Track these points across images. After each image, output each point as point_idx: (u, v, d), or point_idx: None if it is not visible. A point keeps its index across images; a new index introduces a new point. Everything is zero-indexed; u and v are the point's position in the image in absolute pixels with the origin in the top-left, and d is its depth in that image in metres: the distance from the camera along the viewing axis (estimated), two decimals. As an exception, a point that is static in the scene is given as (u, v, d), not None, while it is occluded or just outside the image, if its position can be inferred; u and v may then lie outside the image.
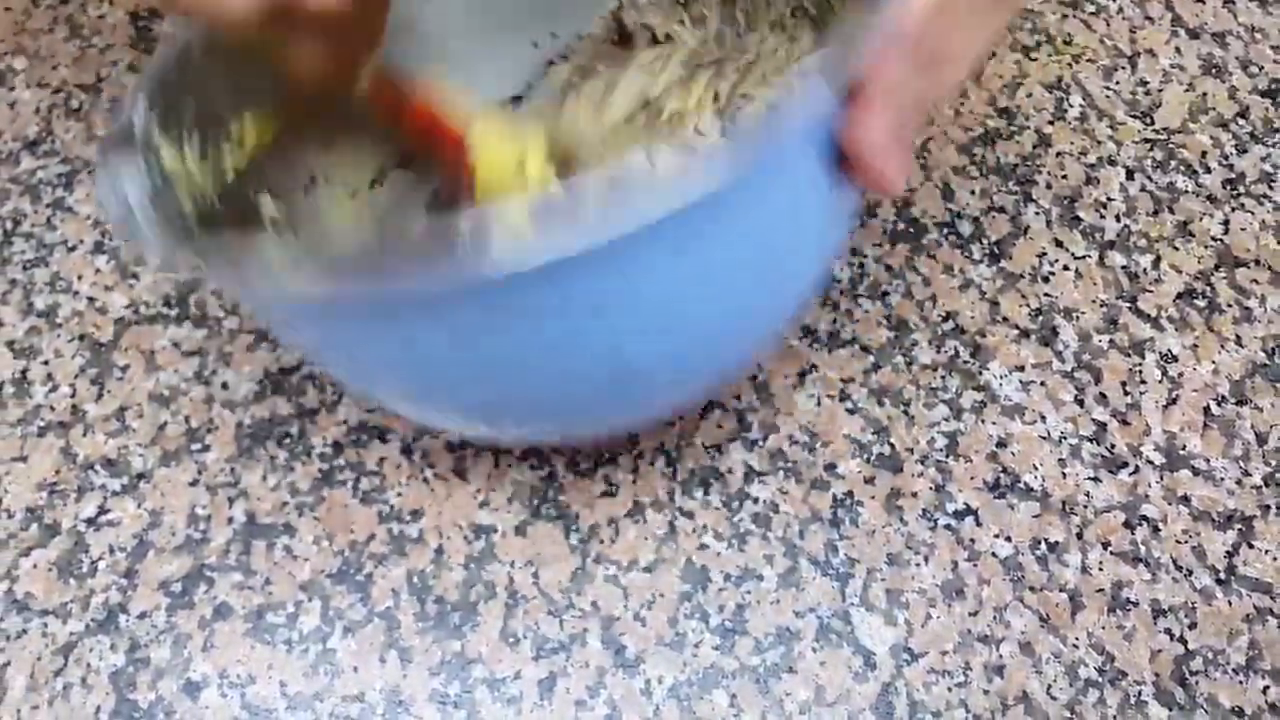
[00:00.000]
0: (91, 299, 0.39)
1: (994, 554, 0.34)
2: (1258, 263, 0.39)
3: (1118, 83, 0.43)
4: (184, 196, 0.28)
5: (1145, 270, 0.39)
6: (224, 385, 0.37)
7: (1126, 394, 0.37)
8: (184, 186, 0.29)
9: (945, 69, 0.24)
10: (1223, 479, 0.35)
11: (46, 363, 0.38)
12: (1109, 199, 0.40)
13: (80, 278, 0.39)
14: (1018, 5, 0.26)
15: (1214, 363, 0.37)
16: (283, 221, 0.32)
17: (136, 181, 0.27)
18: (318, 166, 0.34)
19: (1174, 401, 0.37)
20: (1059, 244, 0.39)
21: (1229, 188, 0.41)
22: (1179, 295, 0.38)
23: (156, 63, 0.29)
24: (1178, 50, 0.44)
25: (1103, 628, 0.33)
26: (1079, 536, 0.34)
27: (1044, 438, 0.36)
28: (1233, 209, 0.40)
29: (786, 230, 0.25)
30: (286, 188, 0.33)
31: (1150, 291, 0.39)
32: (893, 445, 0.36)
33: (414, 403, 0.27)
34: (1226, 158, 0.41)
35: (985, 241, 0.39)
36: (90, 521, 0.35)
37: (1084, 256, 0.39)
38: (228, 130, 0.31)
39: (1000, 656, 0.32)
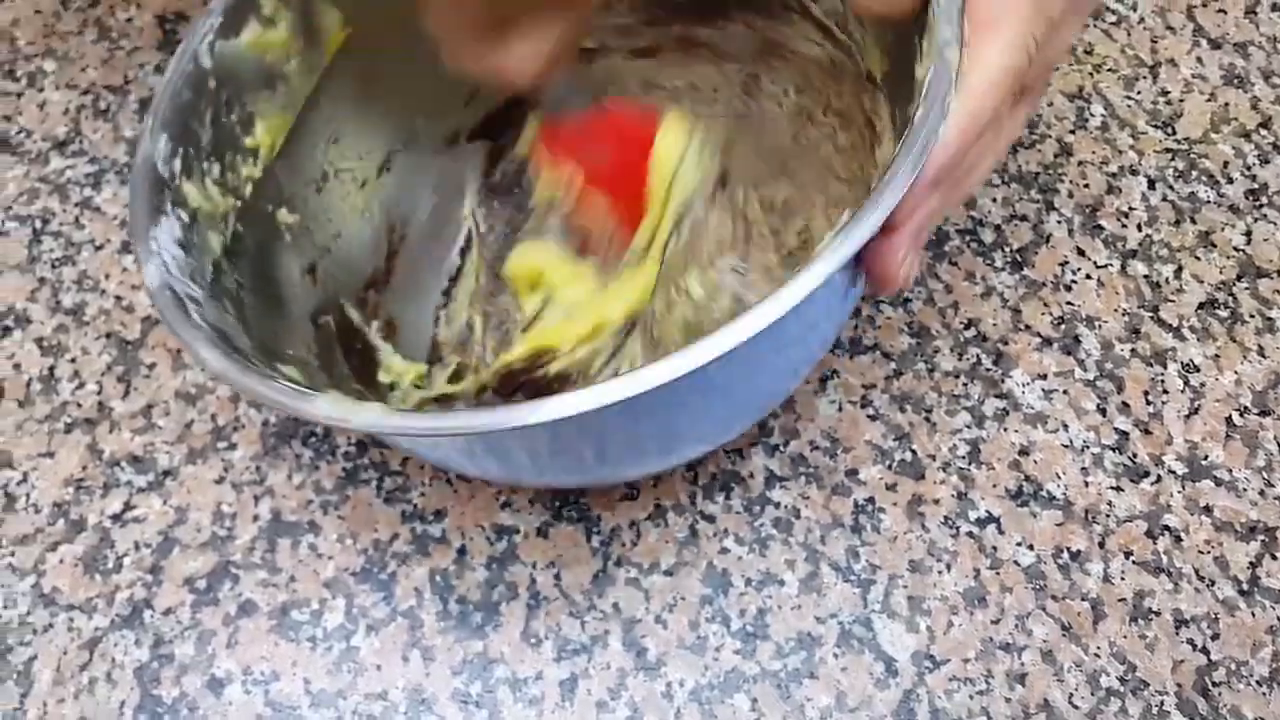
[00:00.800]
0: (119, 298, 0.39)
1: (1016, 562, 0.34)
2: (1280, 274, 0.39)
3: (1139, 92, 0.43)
4: (212, 235, 0.29)
5: (1167, 280, 0.39)
6: (249, 384, 0.37)
7: (1149, 403, 0.37)
8: (209, 222, 0.29)
9: (969, 183, 0.26)
10: (1245, 489, 0.35)
11: (74, 360, 0.38)
12: (1130, 208, 0.40)
13: (108, 276, 0.40)
14: (1036, 106, 0.27)
15: (1236, 373, 0.37)
16: (299, 228, 0.33)
17: (174, 242, 0.27)
18: (326, 161, 0.34)
19: (1196, 411, 0.37)
20: (1081, 252, 0.39)
21: (1251, 198, 0.41)
22: (1201, 305, 0.38)
23: (169, 90, 0.29)
24: (1199, 60, 0.44)
25: (1125, 637, 0.33)
26: (1101, 545, 0.34)
27: (1066, 446, 0.36)
28: (1255, 219, 0.40)
29: (818, 328, 0.28)
30: (298, 190, 0.33)
31: (1172, 301, 0.39)
32: (914, 452, 0.36)
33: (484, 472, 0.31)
34: (1249, 168, 0.41)
35: (1007, 249, 0.40)
36: (116, 518, 0.35)
37: (1106, 265, 0.39)
38: (242, 143, 0.31)
39: (1022, 665, 0.32)
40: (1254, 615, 0.33)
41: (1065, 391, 0.37)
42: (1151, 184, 0.41)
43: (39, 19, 0.46)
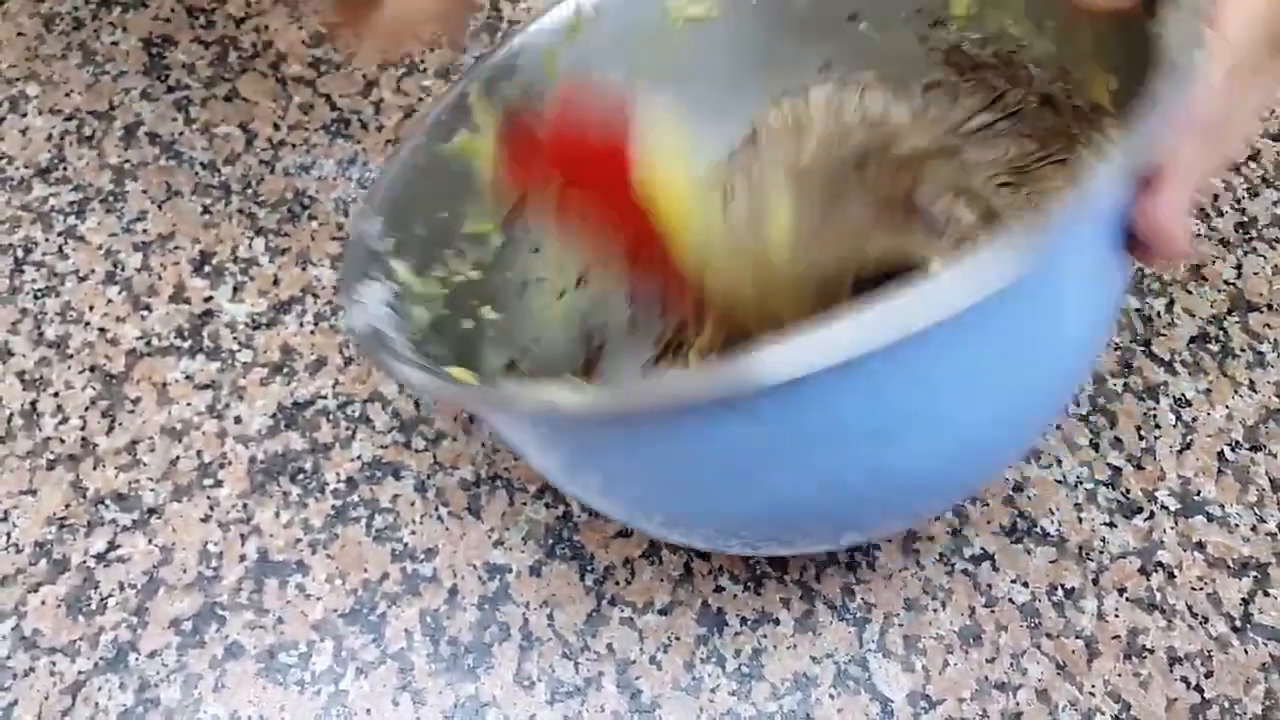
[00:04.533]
0: (103, 330, 0.38)
1: (1011, 600, 0.34)
2: (1270, 307, 0.39)
3: (1130, 124, 0.43)
4: (419, 310, 0.30)
5: (1159, 313, 0.39)
6: (237, 419, 0.37)
7: (1141, 438, 0.37)
8: (416, 299, 0.30)
9: (1231, 137, 0.24)
10: (1237, 525, 0.35)
11: (57, 394, 0.37)
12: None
13: (92, 308, 0.39)
14: None
15: (1228, 407, 0.37)
16: (501, 326, 0.33)
17: (382, 303, 0.28)
18: (529, 271, 0.35)
19: (1188, 446, 0.37)
20: (1073, 286, 0.40)
21: (1241, 231, 0.41)
22: (1193, 339, 0.39)
23: (388, 181, 0.31)
24: (1189, 93, 0.44)
25: (1119, 675, 0.33)
26: (1095, 582, 0.34)
27: (1060, 482, 0.36)
28: (1245, 253, 0.40)
29: (1066, 322, 0.24)
30: (501, 291, 0.34)
31: (1164, 335, 0.39)
32: (909, 488, 0.36)
33: (665, 518, 0.28)
34: (1238, 201, 0.42)
35: (1000, 283, 0.40)
36: (100, 557, 0.34)
37: (1098, 299, 0.39)
38: (454, 242, 0.32)
39: (1017, 704, 0.32)
40: (1246, 653, 0.33)
41: (1058, 426, 0.37)
42: (1142, 217, 0.41)
43: (21, 42, 0.45)
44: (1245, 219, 0.41)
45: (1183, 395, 0.38)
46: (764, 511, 0.25)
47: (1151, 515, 0.35)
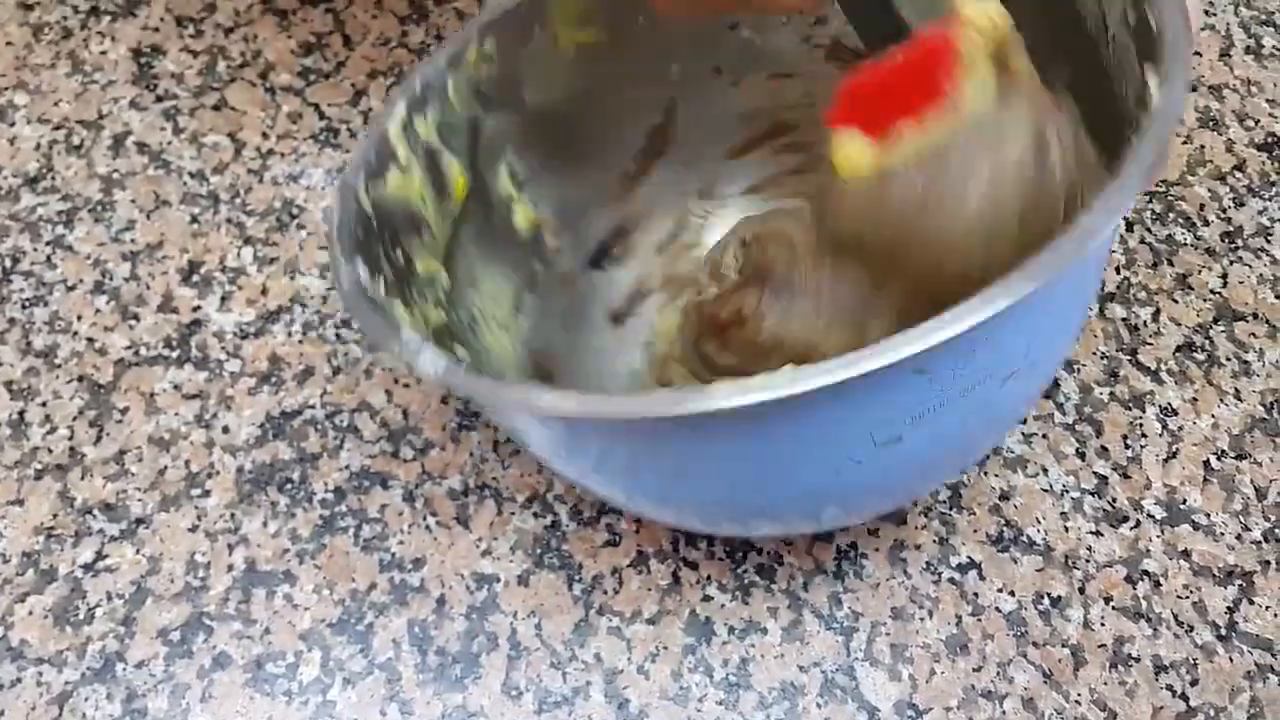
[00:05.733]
0: (91, 339, 0.38)
1: (997, 608, 0.34)
2: (1256, 316, 0.39)
3: (1117, 134, 0.43)
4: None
5: (1145, 322, 0.39)
6: (225, 429, 0.37)
7: (1127, 447, 0.37)
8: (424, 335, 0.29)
9: None
10: (1223, 534, 0.35)
11: (44, 404, 0.37)
12: (1109, 250, 0.41)
13: (80, 318, 0.39)
14: None
15: (1213, 416, 0.38)
16: (473, 364, 0.33)
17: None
18: (474, 304, 0.35)
19: (1174, 455, 0.37)
20: (1060, 295, 0.40)
21: (1227, 240, 0.41)
22: (1179, 348, 0.39)
23: (345, 227, 0.29)
24: (1175, 102, 0.44)
25: (1105, 684, 0.33)
26: (1081, 591, 0.34)
27: (1046, 490, 0.36)
28: (1231, 262, 0.41)
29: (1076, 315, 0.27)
30: (462, 331, 0.34)
31: (1150, 344, 0.39)
32: (896, 497, 0.36)
33: (656, 504, 0.29)
34: (1224, 211, 0.42)
35: (987, 292, 0.40)
36: (88, 567, 0.34)
37: (1084, 308, 0.40)
38: (415, 282, 0.31)
39: (1004, 713, 0.32)
40: (1232, 661, 0.33)
41: (1044, 435, 0.37)
42: (1130, 226, 0.41)
43: (10, 51, 0.45)
44: (1231, 228, 0.41)
45: (1169, 404, 0.38)
46: (768, 504, 0.27)
47: (1137, 524, 0.36)
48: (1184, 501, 0.36)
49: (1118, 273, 0.40)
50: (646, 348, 0.38)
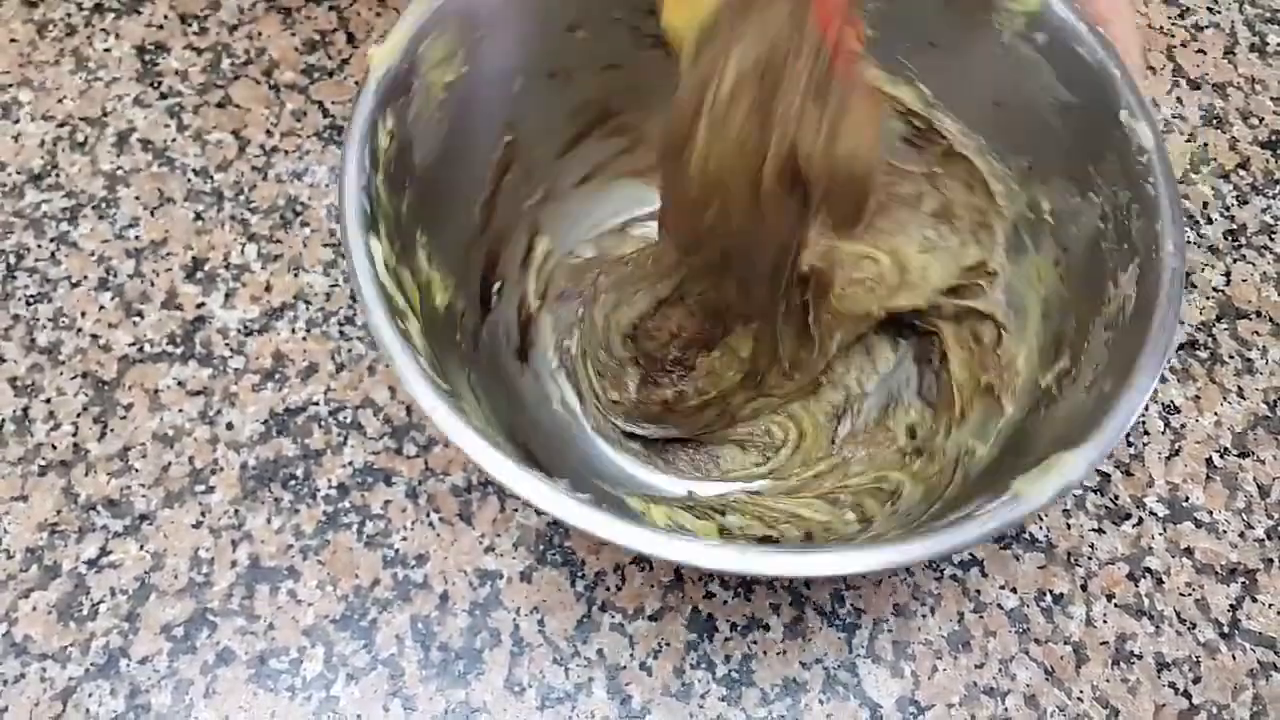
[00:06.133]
0: (95, 336, 0.39)
1: (1000, 605, 0.34)
2: (1259, 314, 0.39)
3: (1120, 131, 0.43)
4: None
5: (1148, 320, 0.39)
6: (229, 425, 0.37)
7: (1130, 445, 0.37)
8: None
9: None
10: (1225, 531, 0.35)
11: (48, 400, 0.37)
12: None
13: (84, 314, 0.39)
14: None
15: (1216, 414, 0.37)
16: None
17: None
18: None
19: (1177, 453, 0.37)
20: (1063, 292, 0.40)
21: (1230, 238, 0.41)
22: (1182, 346, 0.39)
23: (366, 286, 0.28)
24: (1179, 100, 0.44)
25: (1107, 681, 0.33)
26: (1083, 588, 0.34)
27: (1048, 488, 0.36)
28: (1234, 260, 0.41)
29: None
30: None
31: (1153, 342, 0.39)
32: (898, 494, 0.36)
33: None
34: (1228, 208, 0.42)
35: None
36: (91, 563, 0.34)
37: (1087, 305, 0.39)
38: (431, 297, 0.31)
39: (1006, 710, 0.32)
40: (1234, 658, 0.33)
41: (1048, 433, 0.37)
42: (1131, 223, 0.41)
43: (14, 48, 0.45)
44: (1234, 226, 0.41)
45: (1171, 402, 0.38)
46: None
47: (1140, 521, 0.36)
48: (1186, 499, 0.36)
49: (1121, 270, 0.40)
50: (554, 375, 0.38)
